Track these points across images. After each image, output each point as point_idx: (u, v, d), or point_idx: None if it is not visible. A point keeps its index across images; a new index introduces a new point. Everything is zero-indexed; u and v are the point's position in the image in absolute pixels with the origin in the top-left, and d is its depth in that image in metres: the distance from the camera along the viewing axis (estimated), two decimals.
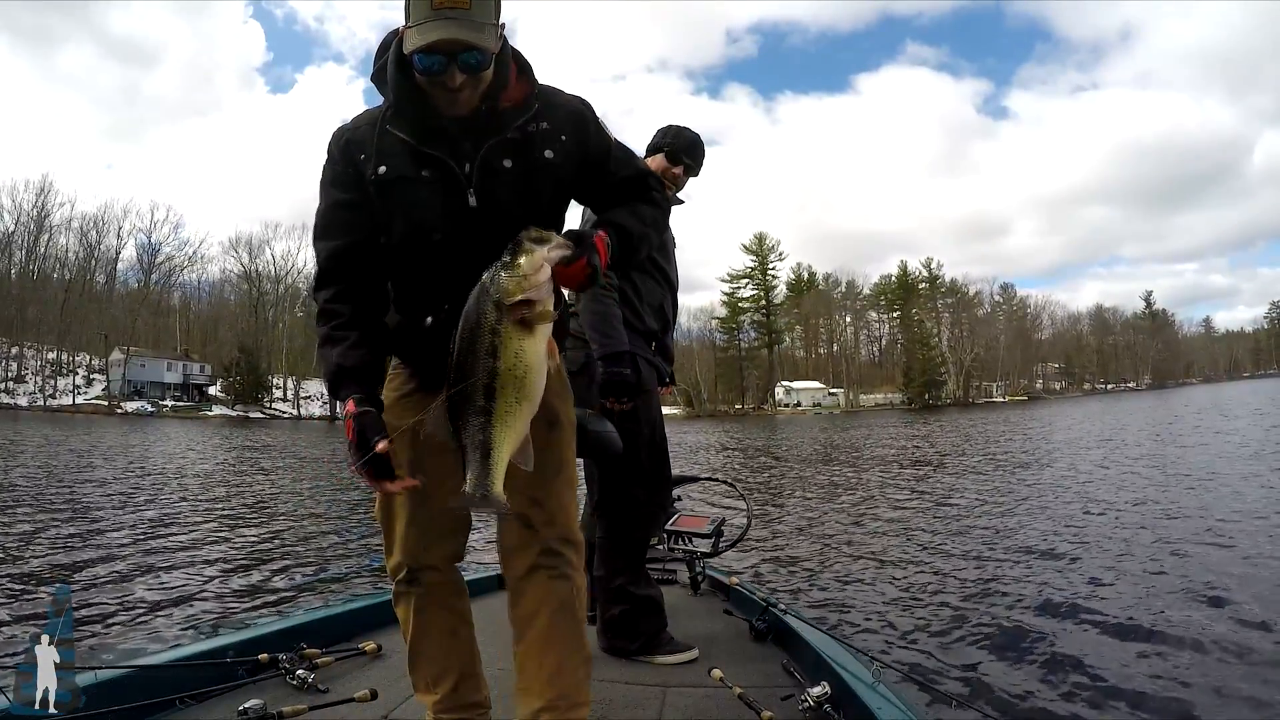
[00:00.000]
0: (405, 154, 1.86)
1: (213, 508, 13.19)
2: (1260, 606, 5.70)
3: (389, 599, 2.04)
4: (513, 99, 1.88)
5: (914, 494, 13.76)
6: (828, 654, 2.80)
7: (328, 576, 8.10)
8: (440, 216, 1.87)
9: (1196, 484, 12.63)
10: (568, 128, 1.94)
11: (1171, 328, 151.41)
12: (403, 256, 1.93)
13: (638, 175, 2.04)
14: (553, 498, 1.97)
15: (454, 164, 1.85)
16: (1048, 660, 4.96)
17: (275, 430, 51.21)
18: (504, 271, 1.62)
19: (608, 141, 2.01)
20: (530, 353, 1.66)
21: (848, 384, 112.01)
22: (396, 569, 2.03)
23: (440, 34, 1.69)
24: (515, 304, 1.62)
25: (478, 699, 2.10)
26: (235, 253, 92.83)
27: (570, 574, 1.98)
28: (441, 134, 1.85)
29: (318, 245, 1.97)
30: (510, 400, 1.66)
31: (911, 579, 7.31)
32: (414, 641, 2.06)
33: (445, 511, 1.91)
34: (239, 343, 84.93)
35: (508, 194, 1.87)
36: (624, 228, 1.89)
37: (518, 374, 1.65)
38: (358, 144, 1.90)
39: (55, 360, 78.75)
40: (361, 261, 1.93)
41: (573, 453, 2.09)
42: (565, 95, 2.00)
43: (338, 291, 1.92)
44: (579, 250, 1.70)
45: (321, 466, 23.12)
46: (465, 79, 1.75)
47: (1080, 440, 25.23)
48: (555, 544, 1.96)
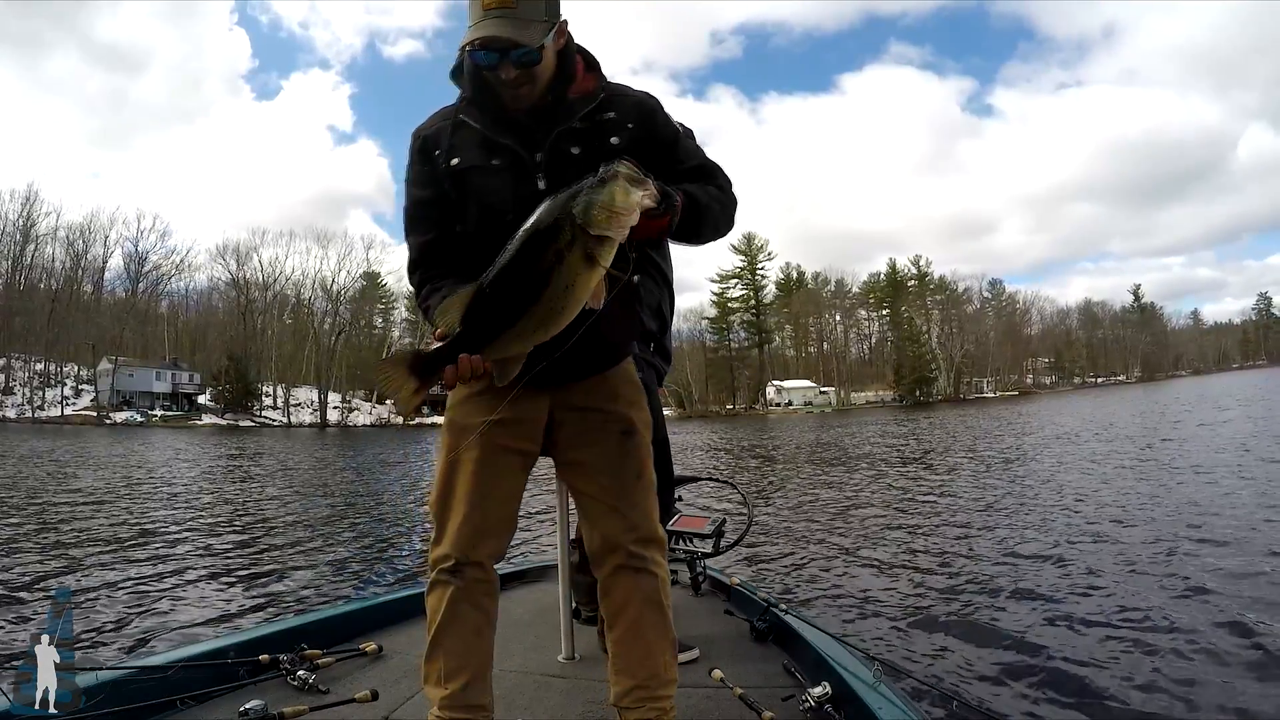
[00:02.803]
0: (477, 144, 2.00)
1: (211, 513, 13.20)
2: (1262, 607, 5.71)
3: (389, 600, 2.04)
4: (580, 90, 2.00)
5: (913, 493, 13.78)
6: (829, 654, 2.80)
7: (328, 578, 8.10)
8: (511, 200, 1.93)
9: (1192, 477, 12.70)
10: (634, 116, 2.03)
11: (1160, 321, 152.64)
12: (478, 239, 2.00)
13: (707, 164, 2.09)
14: (633, 506, 2.06)
15: (524, 152, 1.96)
16: (1049, 660, 4.95)
17: (267, 438, 50.92)
18: (598, 198, 1.61)
19: (675, 131, 2.09)
20: (581, 289, 1.66)
21: (839, 382, 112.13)
22: (442, 559, 2.06)
23: (485, 33, 1.83)
24: (595, 236, 1.60)
25: (483, 702, 2.10)
26: (223, 260, 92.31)
27: (654, 570, 2.08)
28: (512, 124, 1.97)
29: (409, 239, 2.11)
30: (532, 324, 1.68)
31: (912, 579, 7.31)
32: (438, 633, 2.06)
33: (503, 506, 2.05)
34: (228, 350, 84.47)
35: (575, 179, 1.89)
36: (695, 197, 1.92)
37: (556, 306, 1.66)
38: (433, 140, 2.05)
39: (43, 371, 78.17)
40: (446, 250, 2.07)
41: (649, 455, 2.15)
42: (633, 89, 2.10)
43: (431, 271, 2.07)
44: (665, 206, 1.73)
45: (316, 473, 23.04)
46: (519, 74, 1.88)
47: (1074, 435, 25.34)
48: (637, 547, 2.06)
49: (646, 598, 2.06)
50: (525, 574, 4.44)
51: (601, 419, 2.07)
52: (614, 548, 2.05)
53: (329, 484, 19.31)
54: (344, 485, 19.01)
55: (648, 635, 2.06)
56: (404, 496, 16.63)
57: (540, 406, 2.06)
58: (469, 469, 2.01)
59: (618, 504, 2.02)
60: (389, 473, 23.08)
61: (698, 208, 1.90)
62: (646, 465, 2.11)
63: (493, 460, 2.02)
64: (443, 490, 2.07)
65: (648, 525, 2.08)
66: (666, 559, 2.14)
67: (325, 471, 23.38)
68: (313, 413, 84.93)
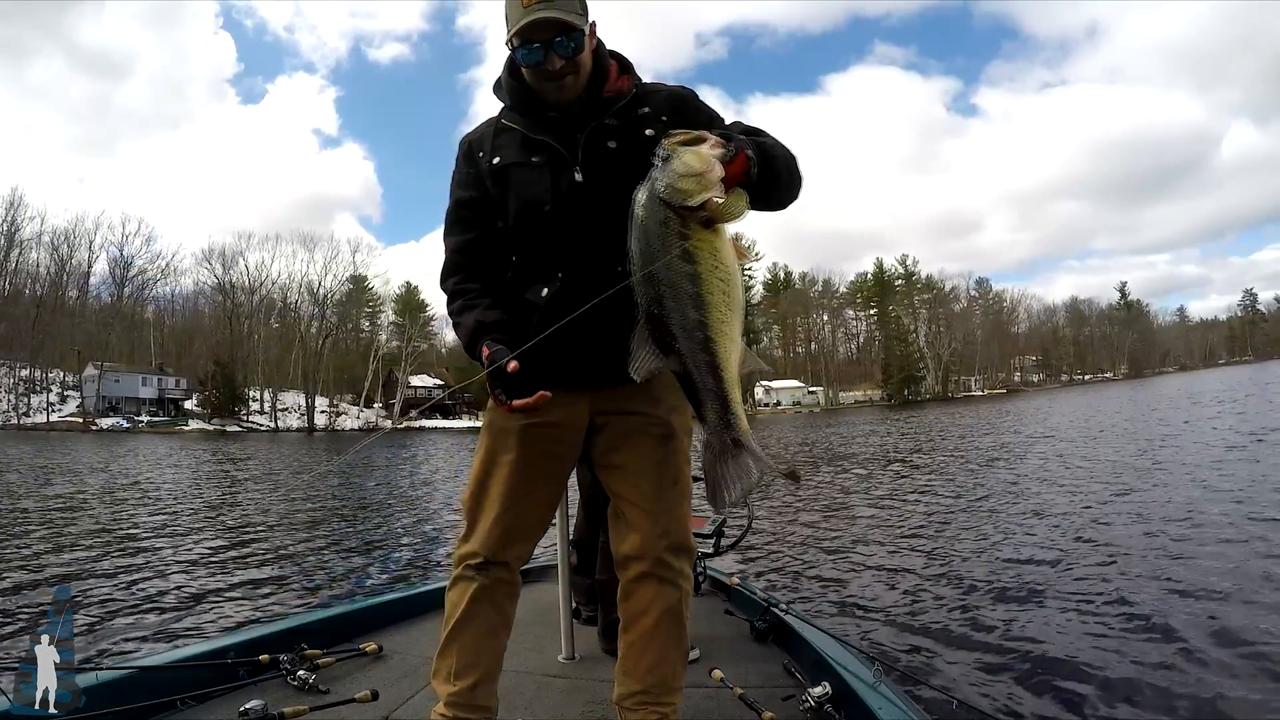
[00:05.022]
0: (517, 143, 2.05)
1: (207, 516, 13.21)
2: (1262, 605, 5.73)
3: (389, 600, 2.04)
4: (615, 89, 2.05)
5: (911, 493, 13.81)
6: (829, 654, 2.81)
7: (328, 578, 8.10)
8: (549, 191, 1.99)
9: (1188, 474, 12.74)
10: (668, 109, 2.05)
11: (1146, 318, 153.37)
12: (518, 232, 2.06)
13: (750, 129, 2.02)
14: (668, 511, 2.06)
15: (561, 147, 2.00)
16: (1049, 659, 4.96)
17: (254, 443, 50.70)
18: (675, 174, 1.57)
19: (710, 114, 2.10)
20: (725, 253, 1.61)
21: (827, 382, 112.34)
22: (469, 555, 2.08)
23: (534, 15, 1.85)
24: (699, 204, 1.57)
25: (488, 704, 2.12)
26: (208, 264, 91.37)
27: (680, 582, 2.08)
28: (550, 122, 2.02)
29: (446, 240, 2.16)
30: (722, 307, 1.62)
31: (912, 579, 7.32)
32: (454, 629, 2.08)
33: (536, 510, 2.10)
34: (214, 355, 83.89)
35: (612, 170, 1.96)
36: (755, 140, 1.82)
37: (721, 276, 1.61)
38: (478, 144, 2.12)
39: (28, 377, 77.57)
40: (482, 252, 2.11)
41: (687, 461, 2.14)
42: (667, 85, 2.13)
43: (465, 276, 2.10)
44: (736, 145, 1.69)
45: (311, 475, 22.90)
46: (564, 63, 1.92)
47: (1065, 432, 25.46)
48: (668, 555, 2.05)
49: (668, 609, 2.06)
50: (525, 574, 4.41)
51: (643, 422, 2.07)
52: (644, 553, 2.05)
53: (325, 485, 19.25)
54: (340, 487, 18.95)
55: (662, 645, 2.07)
56: (404, 497, 16.62)
57: (580, 412, 2.07)
58: (506, 470, 2.03)
59: (653, 508, 2.02)
60: (386, 475, 23.02)
61: (763, 149, 1.79)
62: (683, 471, 2.11)
63: (531, 464, 2.05)
64: (477, 489, 2.10)
65: (679, 531, 2.08)
66: (693, 570, 2.15)
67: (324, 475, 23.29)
68: (300, 417, 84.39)
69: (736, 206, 1.61)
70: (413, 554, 9.60)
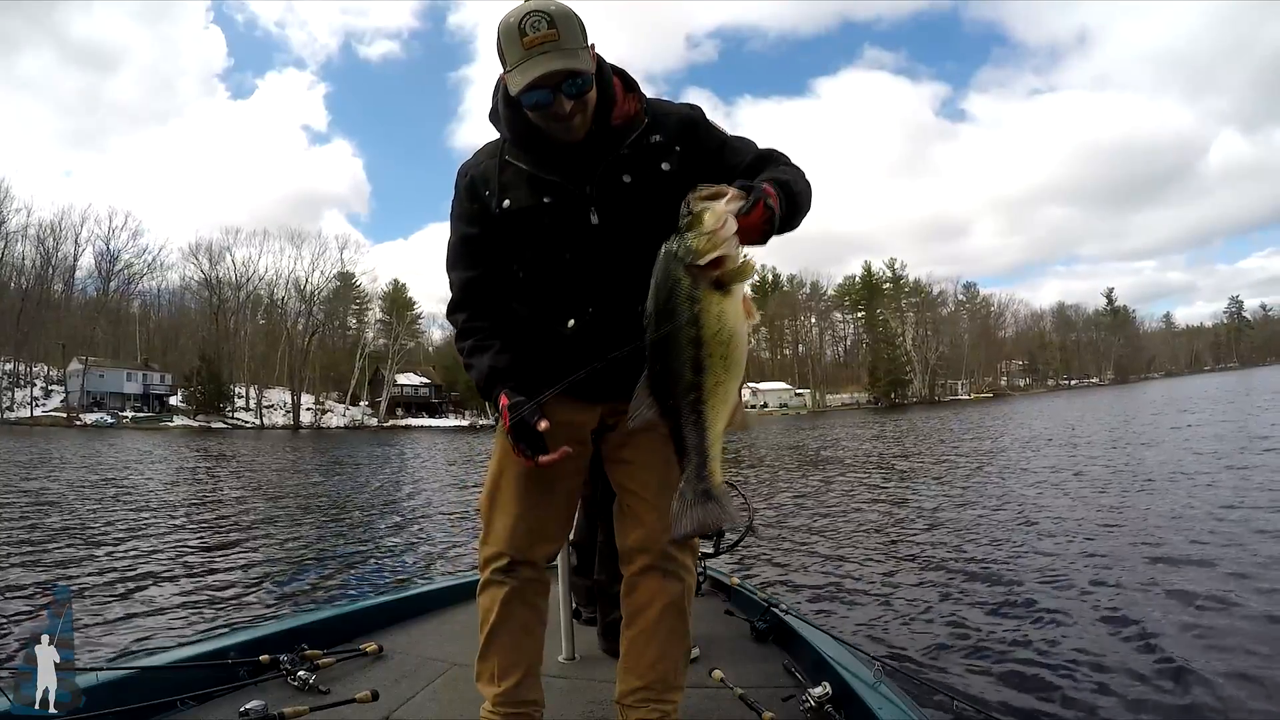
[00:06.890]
0: (526, 184, 1.97)
1: (203, 515, 13.16)
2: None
3: (389, 600, 2.04)
4: (624, 114, 1.96)
5: (910, 493, 13.84)
6: (829, 654, 2.81)
7: (328, 578, 8.08)
8: (567, 237, 1.95)
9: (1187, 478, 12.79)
10: (681, 137, 1.99)
11: (1133, 324, 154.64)
12: (536, 281, 2.03)
13: (762, 153, 2.02)
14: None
15: (573, 186, 1.93)
16: (1050, 659, 4.97)
17: (240, 439, 50.50)
18: (688, 234, 1.57)
19: (721, 137, 2.04)
20: (731, 315, 1.61)
21: (814, 384, 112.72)
22: (495, 558, 2.09)
23: (539, 70, 1.76)
24: (708, 264, 1.56)
25: (535, 697, 2.15)
26: (195, 259, 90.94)
27: (683, 575, 2.10)
28: (559, 159, 1.93)
29: (451, 274, 2.12)
30: (719, 370, 1.61)
31: (912, 579, 7.33)
32: (491, 632, 2.09)
33: (556, 506, 2.12)
34: (200, 351, 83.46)
35: (629, 208, 1.93)
36: (775, 178, 1.81)
37: (723, 339, 1.60)
38: (481, 180, 2.03)
39: (12, 372, 77.00)
40: (490, 287, 2.08)
41: None
42: (674, 105, 2.05)
43: (473, 312, 2.08)
44: (754, 197, 1.67)
45: (306, 474, 22.96)
46: (573, 104, 1.82)
47: (1058, 436, 25.58)
48: (672, 549, 2.06)
49: (671, 602, 2.07)
50: None
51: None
52: (649, 545, 2.05)
53: (321, 485, 19.22)
54: (340, 487, 18.90)
55: (664, 640, 2.08)
56: (404, 497, 16.61)
57: (593, 415, 2.09)
58: (522, 470, 2.01)
59: (659, 502, 1.99)
60: (385, 474, 22.99)
61: (785, 186, 1.78)
62: None
63: (548, 464, 2.01)
64: (493, 490, 2.11)
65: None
66: (697, 566, 2.14)
67: (315, 473, 23.23)
68: (285, 414, 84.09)
69: (748, 270, 1.62)
70: (413, 554, 9.59)
